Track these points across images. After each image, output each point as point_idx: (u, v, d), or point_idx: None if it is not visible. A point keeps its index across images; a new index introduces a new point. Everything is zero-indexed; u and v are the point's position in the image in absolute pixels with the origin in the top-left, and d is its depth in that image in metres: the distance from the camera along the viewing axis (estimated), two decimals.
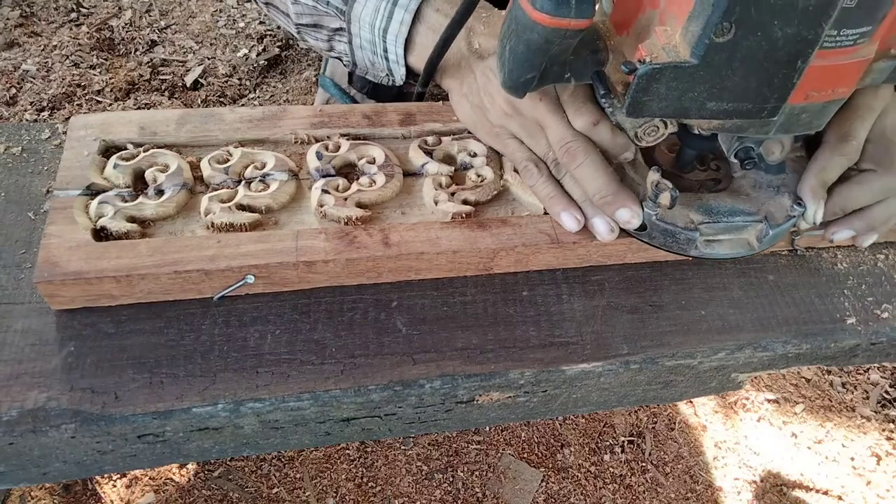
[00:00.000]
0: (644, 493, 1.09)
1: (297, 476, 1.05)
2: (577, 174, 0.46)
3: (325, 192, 0.48)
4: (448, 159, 0.54)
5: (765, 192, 0.48)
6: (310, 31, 0.60)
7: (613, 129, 0.46)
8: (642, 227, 0.47)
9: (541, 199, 0.49)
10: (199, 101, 1.43)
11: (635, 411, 1.18)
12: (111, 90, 1.41)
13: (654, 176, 0.45)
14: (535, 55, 0.39)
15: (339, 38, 0.58)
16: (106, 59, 1.47)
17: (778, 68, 0.36)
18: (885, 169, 0.48)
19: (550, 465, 1.11)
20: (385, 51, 0.55)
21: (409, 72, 0.56)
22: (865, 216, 0.50)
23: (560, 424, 1.15)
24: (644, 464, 1.12)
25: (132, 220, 0.46)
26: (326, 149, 0.51)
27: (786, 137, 0.45)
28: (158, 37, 1.53)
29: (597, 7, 0.40)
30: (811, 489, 1.12)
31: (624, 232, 0.48)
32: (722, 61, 0.36)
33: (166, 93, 1.43)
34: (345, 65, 0.61)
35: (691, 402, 1.21)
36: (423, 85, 0.55)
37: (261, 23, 1.59)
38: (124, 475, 1.02)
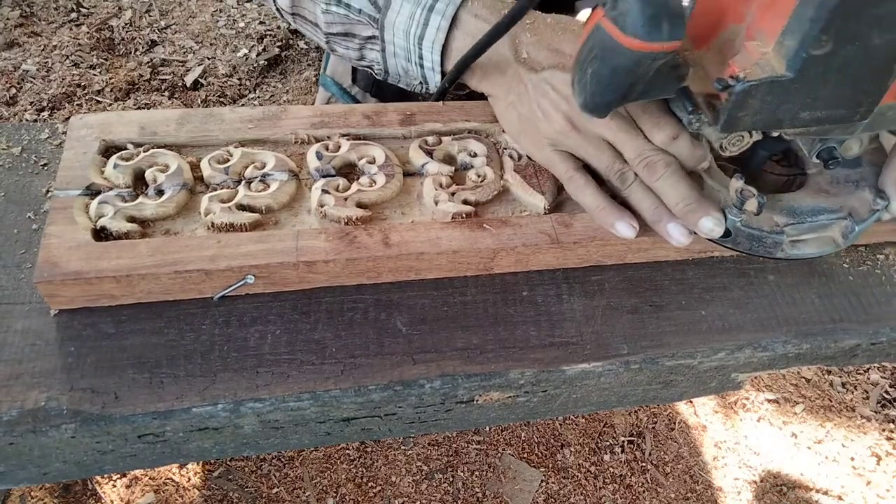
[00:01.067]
0: (644, 493, 1.09)
1: (297, 476, 1.05)
2: (658, 186, 0.46)
3: (325, 192, 0.48)
4: (448, 159, 0.54)
5: (844, 188, 0.48)
6: (340, 41, 0.59)
7: (693, 141, 0.45)
8: (726, 234, 0.46)
9: (589, 209, 0.49)
10: (199, 101, 1.43)
11: (635, 411, 1.18)
12: (111, 90, 1.41)
13: (737, 183, 0.45)
14: (622, 78, 0.38)
15: (370, 46, 0.58)
16: (106, 59, 1.47)
17: (873, 74, 0.36)
18: None
19: (550, 465, 1.11)
20: (420, 58, 0.55)
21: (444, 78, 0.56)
22: None
23: (560, 424, 1.15)
24: (644, 464, 1.12)
25: (132, 220, 0.46)
26: (326, 149, 0.51)
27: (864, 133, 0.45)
28: (158, 37, 1.53)
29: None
30: (811, 489, 1.12)
31: (706, 238, 0.47)
32: (818, 73, 0.36)
33: (166, 93, 1.43)
34: (375, 73, 0.60)
35: (691, 402, 1.21)
36: (450, 82, 0.55)
37: (261, 23, 1.59)
38: (124, 475, 1.02)
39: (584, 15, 0.77)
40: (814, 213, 0.47)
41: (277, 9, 0.63)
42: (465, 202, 0.50)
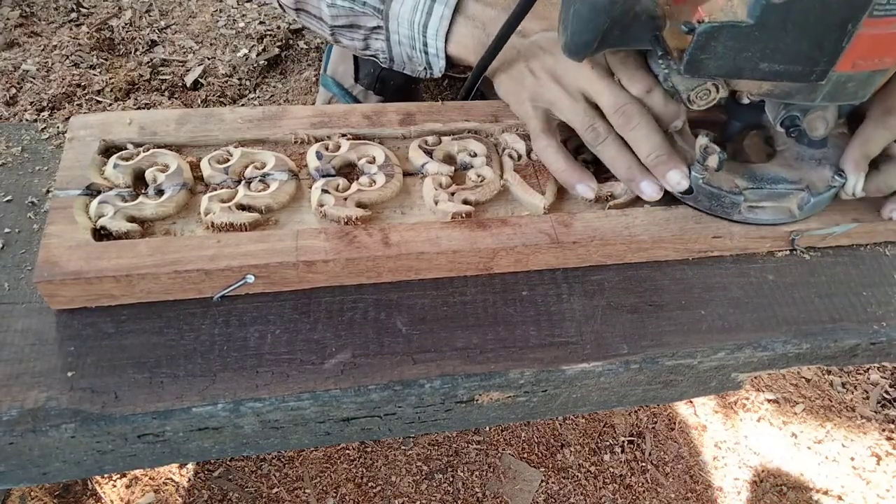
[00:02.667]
0: (644, 493, 1.09)
1: (297, 476, 1.05)
2: (632, 136, 0.48)
3: (325, 191, 0.48)
4: (448, 159, 0.54)
5: (807, 164, 0.51)
6: (345, 32, 0.61)
7: (666, 97, 0.48)
8: (688, 191, 0.49)
9: (553, 169, 0.51)
10: (199, 101, 1.43)
11: (635, 411, 1.18)
12: (111, 90, 1.41)
13: (703, 140, 0.48)
14: (599, 15, 0.41)
15: (375, 36, 0.59)
16: (106, 59, 1.47)
17: (829, 31, 0.38)
18: None
19: (550, 465, 1.10)
20: (425, 45, 0.57)
21: (448, 62, 0.58)
22: None
23: (560, 424, 1.15)
24: (644, 464, 1.12)
25: (132, 219, 0.46)
26: (326, 149, 0.51)
27: (829, 113, 0.47)
28: (158, 37, 1.53)
29: None
30: (811, 489, 1.12)
31: (669, 197, 0.50)
32: (776, 22, 0.38)
33: (166, 93, 1.43)
34: (381, 62, 0.62)
35: (691, 402, 1.21)
36: (472, 83, 0.56)
37: (261, 23, 1.58)
38: (124, 475, 1.01)
39: None
40: (774, 181, 0.49)
41: (280, 4, 0.64)
42: (465, 202, 0.50)
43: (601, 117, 0.49)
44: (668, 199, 0.52)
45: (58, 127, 0.55)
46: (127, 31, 1.53)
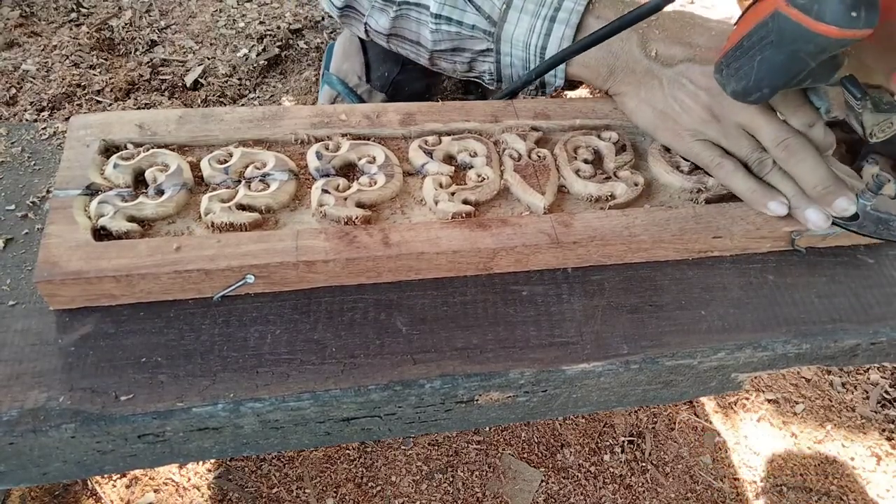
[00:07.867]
0: (644, 493, 1.09)
1: (297, 476, 1.05)
2: (797, 168, 0.48)
3: (325, 191, 0.48)
4: (448, 159, 0.54)
5: None
6: (447, 56, 0.60)
7: (826, 128, 0.48)
8: (852, 217, 0.50)
9: (741, 193, 0.51)
10: (199, 101, 1.42)
11: (635, 411, 1.18)
12: (111, 90, 1.41)
13: (873, 168, 0.49)
14: (799, 64, 0.41)
15: (483, 58, 0.59)
16: (106, 59, 1.47)
17: None
18: None
19: (550, 465, 1.10)
20: None
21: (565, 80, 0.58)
22: None
23: (560, 424, 1.15)
24: (644, 464, 1.12)
25: (132, 219, 0.46)
26: (326, 149, 0.51)
27: None
28: (158, 37, 1.53)
29: None
30: (811, 489, 1.12)
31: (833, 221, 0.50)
32: None
33: (166, 93, 1.43)
34: (485, 83, 0.62)
35: (691, 402, 1.21)
36: (538, 74, 0.55)
37: (261, 23, 1.58)
38: (124, 475, 1.01)
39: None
40: None
41: (367, 31, 0.63)
42: (465, 202, 0.50)
43: (764, 149, 0.50)
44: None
45: (58, 127, 0.55)
46: (127, 31, 1.53)
